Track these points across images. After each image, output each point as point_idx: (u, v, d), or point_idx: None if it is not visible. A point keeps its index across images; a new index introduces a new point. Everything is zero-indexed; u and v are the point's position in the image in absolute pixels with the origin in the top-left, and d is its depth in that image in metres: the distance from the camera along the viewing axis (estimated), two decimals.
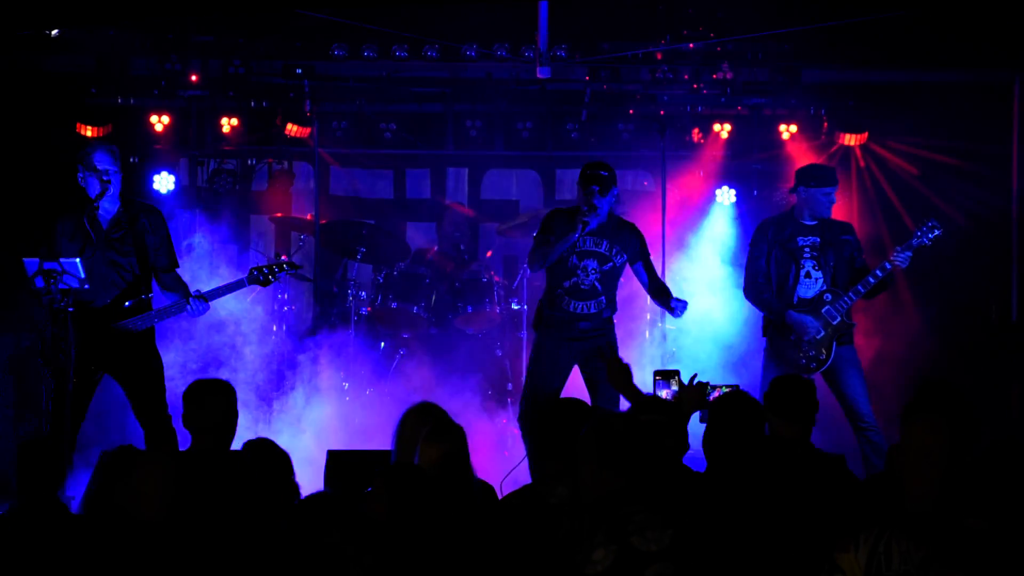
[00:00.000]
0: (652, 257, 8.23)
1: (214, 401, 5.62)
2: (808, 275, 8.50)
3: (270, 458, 5.24)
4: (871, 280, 8.35)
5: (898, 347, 10.12)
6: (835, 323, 8.38)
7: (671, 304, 8.02)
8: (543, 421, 5.38)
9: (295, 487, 5.07)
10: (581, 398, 7.76)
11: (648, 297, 10.24)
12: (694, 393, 6.20)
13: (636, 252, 8.00)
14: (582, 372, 7.98)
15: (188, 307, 7.58)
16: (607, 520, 4.29)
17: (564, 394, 7.83)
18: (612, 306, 8.01)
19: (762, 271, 8.58)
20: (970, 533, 3.97)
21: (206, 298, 7.62)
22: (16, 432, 9.20)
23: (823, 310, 8.40)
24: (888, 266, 8.33)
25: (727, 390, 6.32)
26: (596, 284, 7.88)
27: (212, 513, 5.06)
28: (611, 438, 4.62)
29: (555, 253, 7.78)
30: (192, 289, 7.77)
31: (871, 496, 4.89)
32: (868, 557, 4.00)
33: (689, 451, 5.48)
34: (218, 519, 5.01)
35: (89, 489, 5.10)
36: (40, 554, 4.78)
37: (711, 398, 6.23)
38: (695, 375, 6.33)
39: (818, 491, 5.04)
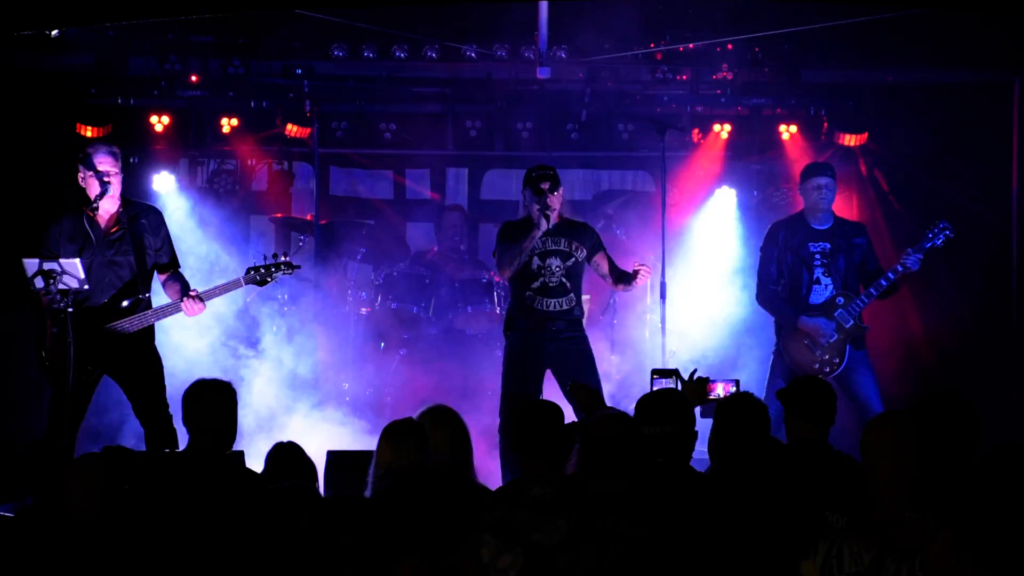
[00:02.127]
0: (651, 257, 8.25)
1: (214, 401, 5.57)
2: (818, 281, 8.52)
3: (294, 462, 5.23)
4: (883, 283, 8.38)
5: (898, 347, 10.11)
6: (848, 326, 8.39)
7: (632, 274, 7.97)
8: (520, 424, 5.38)
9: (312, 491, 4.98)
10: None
11: (647, 296, 10.32)
12: (694, 389, 6.25)
13: (593, 245, 8.09)
14: (556, 375, 7.96)
15: (183, 307, 7.57)
16: (500, 523, 4.35)
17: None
18: (580, 305, 8.06)
19: (773, 278, 8.60)
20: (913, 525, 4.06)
21: (202, 298, 7.61)
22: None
23: (835, 313, 8.41)
24: (900, 268, 8.35)
25: (727, 386, 6.37)
26: (564, 281, 7.96)
27: (207, 513, 5.04)
28: (595, 442, 4.75)
29: (525, 252, 7.87)
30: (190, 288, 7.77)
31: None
32: (823, 561, 4.09)
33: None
34: (213, 519, 4.99)
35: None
36: (51, 554, 4.78)
37: (712, 394, 6.29)
38: (695, 370, 6.38)
39: (836, 492, 5.02)
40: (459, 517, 4.66)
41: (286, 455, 5.54)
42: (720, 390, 6.42)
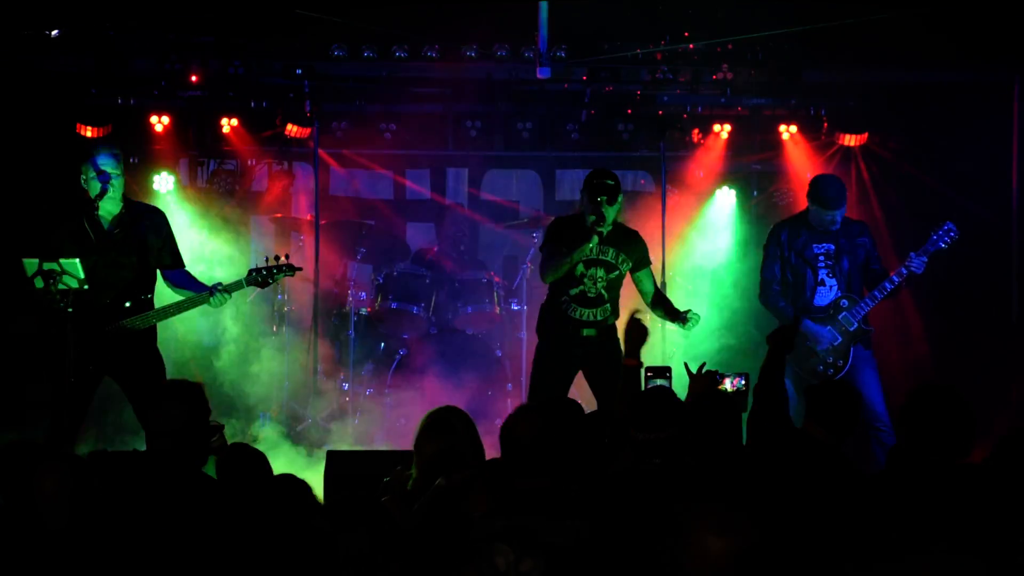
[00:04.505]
0: (652, 258, 8.22)
1: (174, 406, 5.32)
2: (822, 283, 8.50)
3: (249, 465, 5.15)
4: (888, 286, 8.35)
5: (898, 347, 10.12)
6: (852, 329, 8.38)
7: (682, 316, 7.82)
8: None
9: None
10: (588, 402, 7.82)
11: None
12: (703, 382, 6.23)
13: (640, 260, 7.97)
14: (587, 377, 7.96)
15: (212, 300, 7.56)
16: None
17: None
18: (616, 312, 7.97)
19: (776, 278, 8.56)
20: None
21: (228, 290, 7.60)
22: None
23: (839, 316, 8.39)
24: (904, 271, 8.32)
25: (736, 380, 6.37)
26: (602, 292, 7.84)
27: (163, 517, 4.91)
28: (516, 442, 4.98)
29: (569, 265, 7.74)
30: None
31: (873, 495, 4.87)
32: None
33: None
34: (172, 522, 4.87)
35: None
36: (17, 555, 4.73)
37: (721, 388, 6.30)
38: (703, 364, 6.37)
39: (843, 498, 4.99)
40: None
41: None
42: (728, 384, 6.41)
